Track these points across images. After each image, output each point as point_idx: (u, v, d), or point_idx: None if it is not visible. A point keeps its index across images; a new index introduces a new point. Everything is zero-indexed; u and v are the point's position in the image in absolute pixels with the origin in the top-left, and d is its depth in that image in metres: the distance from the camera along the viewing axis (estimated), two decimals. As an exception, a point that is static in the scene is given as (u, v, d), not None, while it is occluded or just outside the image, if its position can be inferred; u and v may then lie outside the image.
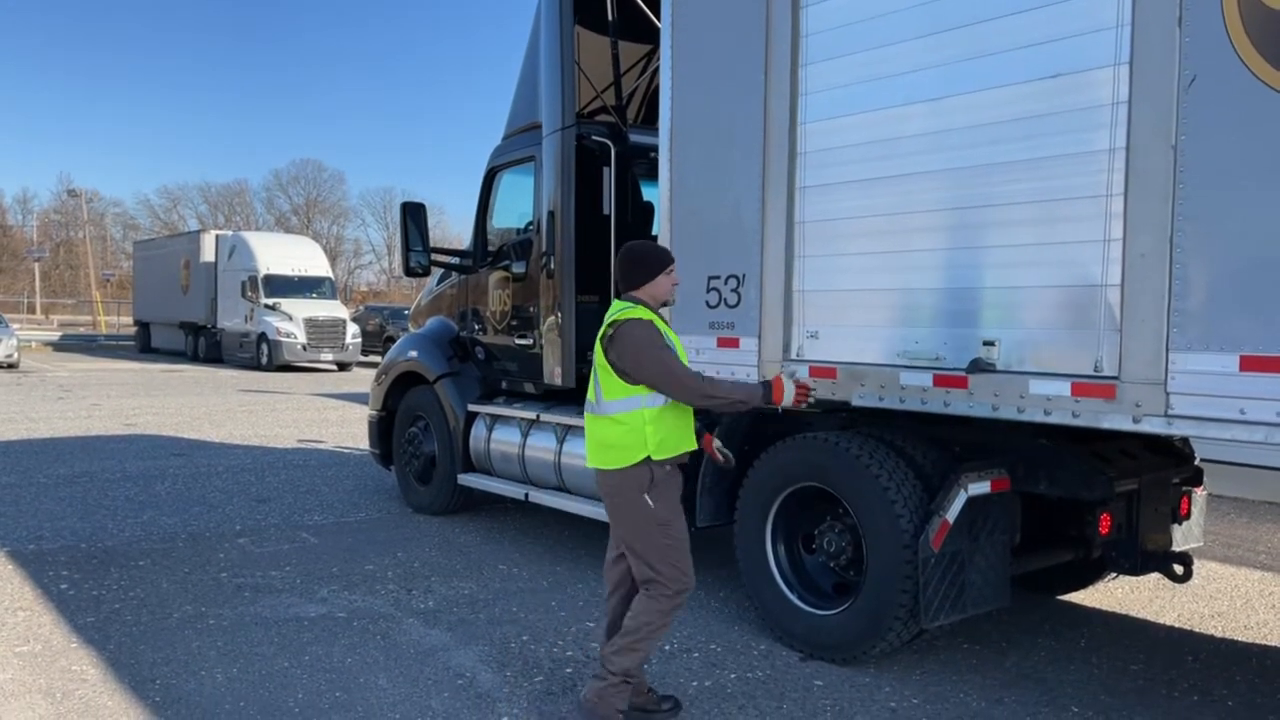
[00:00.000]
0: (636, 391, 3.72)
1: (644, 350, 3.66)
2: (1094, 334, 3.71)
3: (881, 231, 4.44)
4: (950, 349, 4.20)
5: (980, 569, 4.49)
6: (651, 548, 3.79)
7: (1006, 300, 4.02)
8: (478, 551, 6.72)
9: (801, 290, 4.78)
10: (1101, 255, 3.67)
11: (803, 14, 4.70)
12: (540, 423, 6.71)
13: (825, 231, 4.68)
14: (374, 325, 28.62)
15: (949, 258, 4.22)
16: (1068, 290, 3.82)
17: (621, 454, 3.75)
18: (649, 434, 3.72)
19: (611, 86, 6.96)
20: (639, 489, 3.76)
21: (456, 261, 7.92)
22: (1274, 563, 6.73)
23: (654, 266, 3.87)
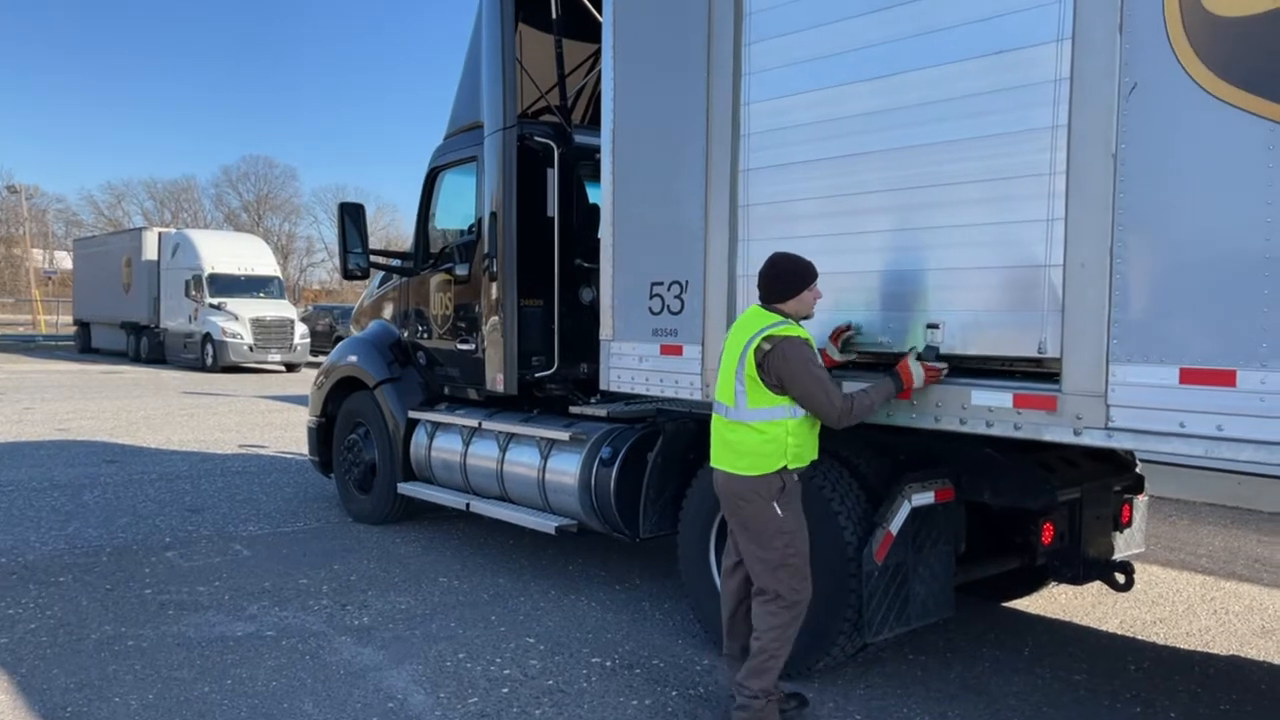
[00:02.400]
0: (781, 402, 3.79)
1: (804, 371, 3.74)
2: (1038, 315, 3.63)
3: (826, 214, 4.32)
4: (894, 333, 4.11)
5: (924, 580, 4.43)
6: (774, 558, 3.85)
7: (950, 282, 3.92)
8: (417, 563, 6.54)
9: (745, 275, 4.64)
10: (1045, 235, 3.59)
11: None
12: (482, 430, 6.56)
13: (769, 214, 4.55)
14: (324, 325, 28.14)
15: (893, 239, 4.10)
16: (1011, 271, 3.73)
17: (757, 462, 3.82)
18: (789, 444, 3.82)
19: (556, 86, 6.82)
20: (769, 496, 3.82)
21: (397, 264, 7.74)
22: (1215, 566, 6.78)
23: (801, 281, 3.91)
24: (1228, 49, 3.14)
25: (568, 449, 5.89)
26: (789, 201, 4.49)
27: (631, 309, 5.17)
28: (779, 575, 3.87)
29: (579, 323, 6.42)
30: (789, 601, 3.88)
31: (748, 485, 3.86)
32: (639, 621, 5.41)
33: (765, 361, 3.76)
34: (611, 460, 5.61)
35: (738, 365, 3.86)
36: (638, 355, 5.14)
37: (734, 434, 3.90)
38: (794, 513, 3.90)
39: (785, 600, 3.88)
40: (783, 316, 3.88)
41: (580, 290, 6.49)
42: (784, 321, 3.84)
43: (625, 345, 5.22)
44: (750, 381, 3.81)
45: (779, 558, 3.86)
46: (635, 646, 5.02)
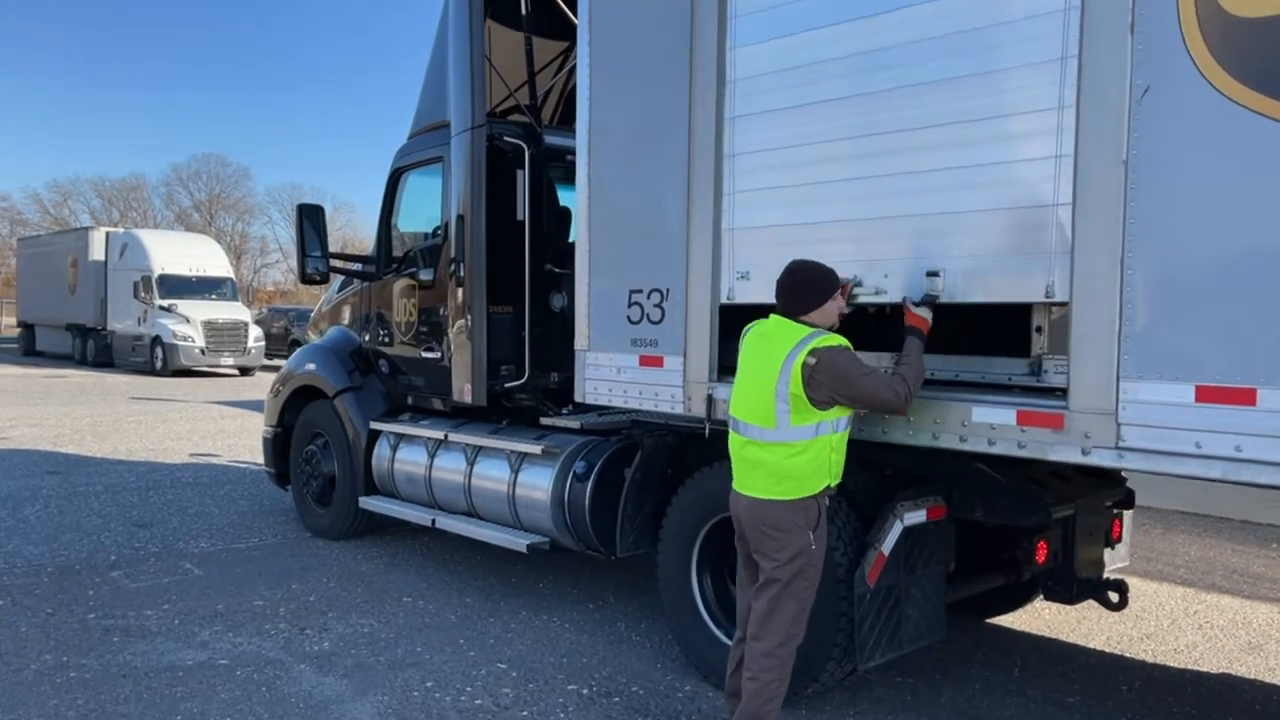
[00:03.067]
0: (826, 417, 3.61)
1: (859, 376, 3.57)
2: (1045, 257, 3.45)
3: (819, 160, 4.09)
4: (893, 282, 3.90)
5: (916, 602, 4.26)
6: (793, 593, 3.67)
7: (951, 226, 3.72)
8: (380, 581, 6.25)
9: (731, 229, 4.42)
10: (1053, 172, 3.40)
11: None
12: (449, 443, 6.28)
13: (756, 163, 4.32)
14: (279, 328, 27.50)
15: (891, 184, 3.88)
16: (1017, 212, 3.54)
17: (800, 484, 3.63)
18: (833, 461, 3.67)
19: (525, 85, 6.57)
20: (806, 524, 3.64)
21: (359, 267, 7.44)
22: (1194, 577, 6.71)
23: (826, 290, 3.70)
24: (1247, 52, 2.99)
25: (539, 463, 5.64)
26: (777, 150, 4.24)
27: (609, 318, 4.94)
28: (791, 616, 3.68)
29: (550, 330, 6.19)
30: (793, 646, 3.73)
31: (783, 513, 3.63)
32: (615, 644, 5.18)
33: (813, 377, 3.53)
34: (586, 475, 5.37)
35: (778, 383, 3.58)
36: (615, 367, 4.91)
37: (771, 455, 3.65)
38: (823, 546, 3.74)
39: (785, 645, 3.71)
40: (812, 327, 3.65)
41: (551, 296, 6.25)
42: (821, 332, 3.62)
43: (602, 356, 4.99)
44: (795, 400, 3.57)
45: (798, 598, 3.68)
46: (613, 672, 4.78)
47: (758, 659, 3.71)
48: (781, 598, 3.67)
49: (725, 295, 4.45)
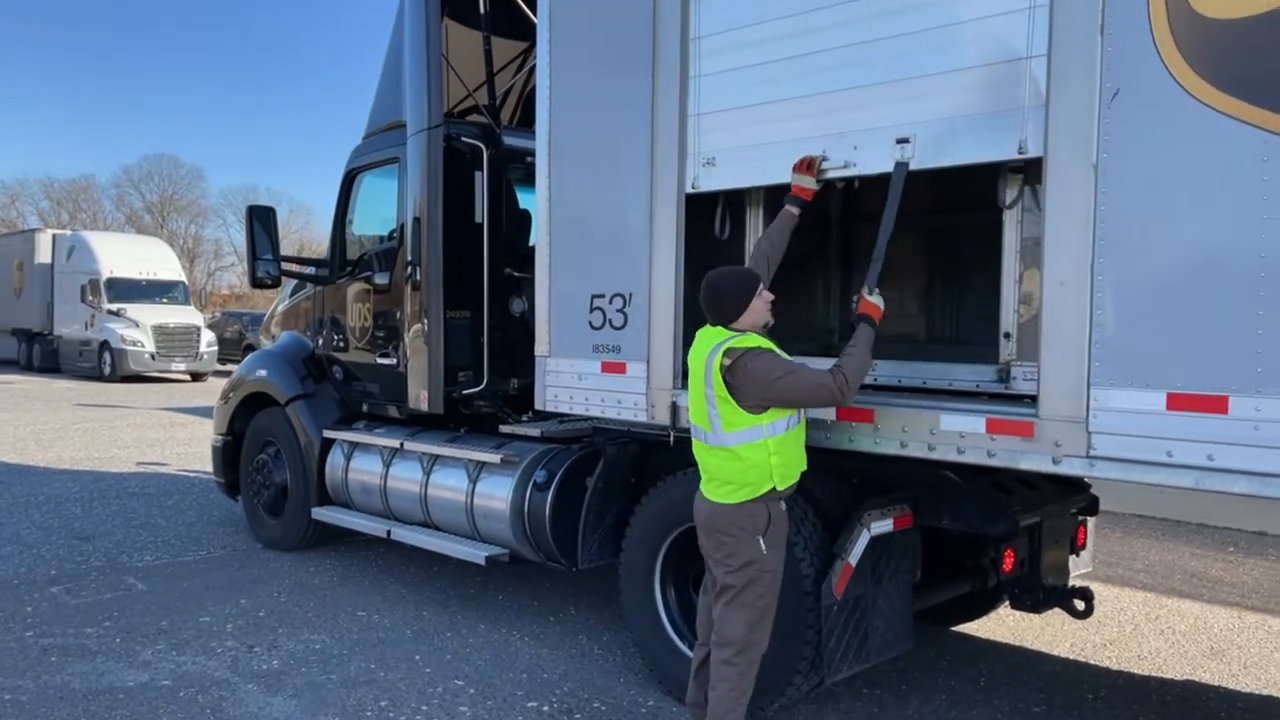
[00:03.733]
0: (759, 421, 3.52)
1: (778, 377, 3.47)
2: (1018, 113, 3.38)
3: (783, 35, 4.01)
4: (862, 153, 3.82)
5: (884, 613, 4.19)
6: (745, 601, 3.60)
7: (920, 89, 3.64)
8: (333, 595, 6.06)
9: (697, 114, 4.31)
10: (1026, 24, 3.33)
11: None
12: (405, 451, 6.11)
13: (722, 43, 4.22)
14: (232, 332, 26.96)
15: (856, 53, 3.80)
16: (988, 69, 3.47)
17: (741, 489, 3.56)
18: (774, 465, 3.55)
19: (484, 85, 6.42)
20: (755, 530, 3.56)
21: (312, 271, 7.23)
22: (1154, 582, 6.73)
23: (745, 295, 3.62)
24: (1219, 54, 2.95)
25: (498, 472, 5.50)
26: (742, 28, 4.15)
27: (570, 323, 4.82)
28: (748, 622, 3.59)
29: (509, 336, 6.06)
30: (751, 657, 3.64)
31: (729, 518, 3.59)
32: (577, 658, 5.05)
33: (733, 381, 3.48)
34: (547, 484, 5.23)
35: (705, 387, 3.58)
36: (576, 373, 4.79)
37: (713, 459, 3.64)
38: (778, 552, 3.64)
39: (746, 655, 3.62)
40: (736, 331, 3.61)
41: (511, 301, 6.12)
42: (737, 334, 3.58)
43: (563, 362, 4.86)
44: (722, 403, 3.53)
45: (753, 605, 3.59)
46: (574, 687, 4.65)
47: (717, 668, 3.65)
48: (734, 605, 3.61)
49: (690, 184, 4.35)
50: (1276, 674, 4.97)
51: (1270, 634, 5.61)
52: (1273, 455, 2.87)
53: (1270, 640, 5.50)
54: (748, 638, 3.60)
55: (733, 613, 3.61)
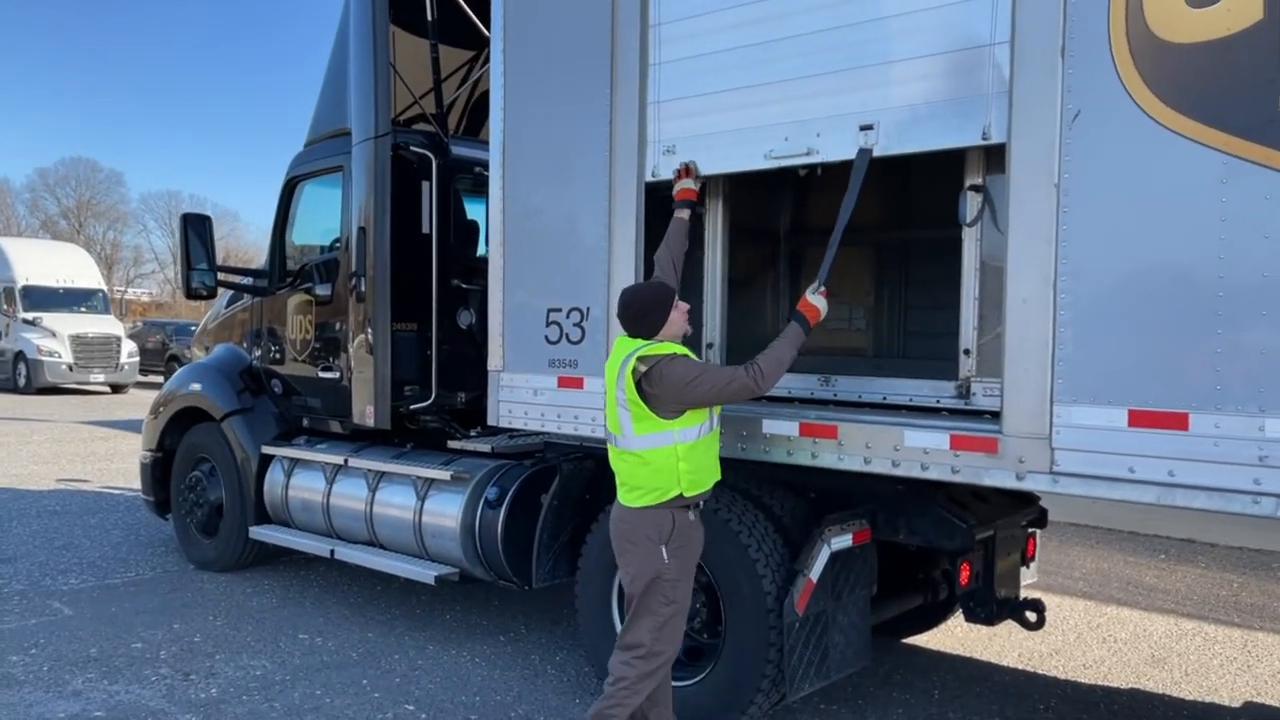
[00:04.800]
0: (669, 426, 3.53)
1: (693, 378, 3.51)
2: (982, 99, 3.41)
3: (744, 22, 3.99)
4: (825, 139, 3.82)
5: (843, 629, 4.19)
6: (648, 608, 3.59)
7: (883, 76, 3.65)
8: (273, 618, 5.84)
9: (657, 101, 4.27)
10: (989, 11, 3.37)
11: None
12: (349, 468, 5.93)
13: (682, 30, 4.19)
14: (155, 342, 26.09)
15: (818, 40, 3.80)
16: (952, 56, 3.50)
17: (646, 494, 3.56)
18: (682, 470, 3.55)
19: (431, 93, 6.30)
20: (657, 538, 3.55)
21: (250, 282, 7.01)
22: (1093, 590, 6.88)
23: (664, 309, 3.66)
24: (1178, 78, 3.01)
25: (448, 489, 5.37)
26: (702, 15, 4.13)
27: (525, 337, 4.73)
28: (649, 629, 3.59)
29: (457, 349, 5.94)
30: (654, 665, 3.61)
31: (632, 523, 3.61)
32: (530, 679, 4.94)
33: (648, 388, 3.50)
34: (499, 501, 5.12)
35: (617, 391, 3.62)
36: (532, 388, 4.70)
37: (624, 464, 3.66)
38: (681, 562, 3.62)
39: (648, 662, 3.60)
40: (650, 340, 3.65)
41: (458, 313, 6.00)
42: (656, 344, 3.61)
43: (518, 377, 4.77)
44: (634, 406, 3.55)
45: (653, 612, 3.59)
46: (529, 710, 4.55)
47: (614, 665, 3.65)
48: (639, 613, 3.61)
49: (651, 173, 4.31)
50: (1217, 681, 5.10)
51: (1207, 641, 5.77)
52: (1232, 471, 2.93)
53: (1208, 647, 5.66)
54: (652, 645, 3.59)
55: (637, 619, 3.62)
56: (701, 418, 3.60)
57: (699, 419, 3.59)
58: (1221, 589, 6.95)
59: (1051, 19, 3.22)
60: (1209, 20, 2.96)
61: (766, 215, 5.74)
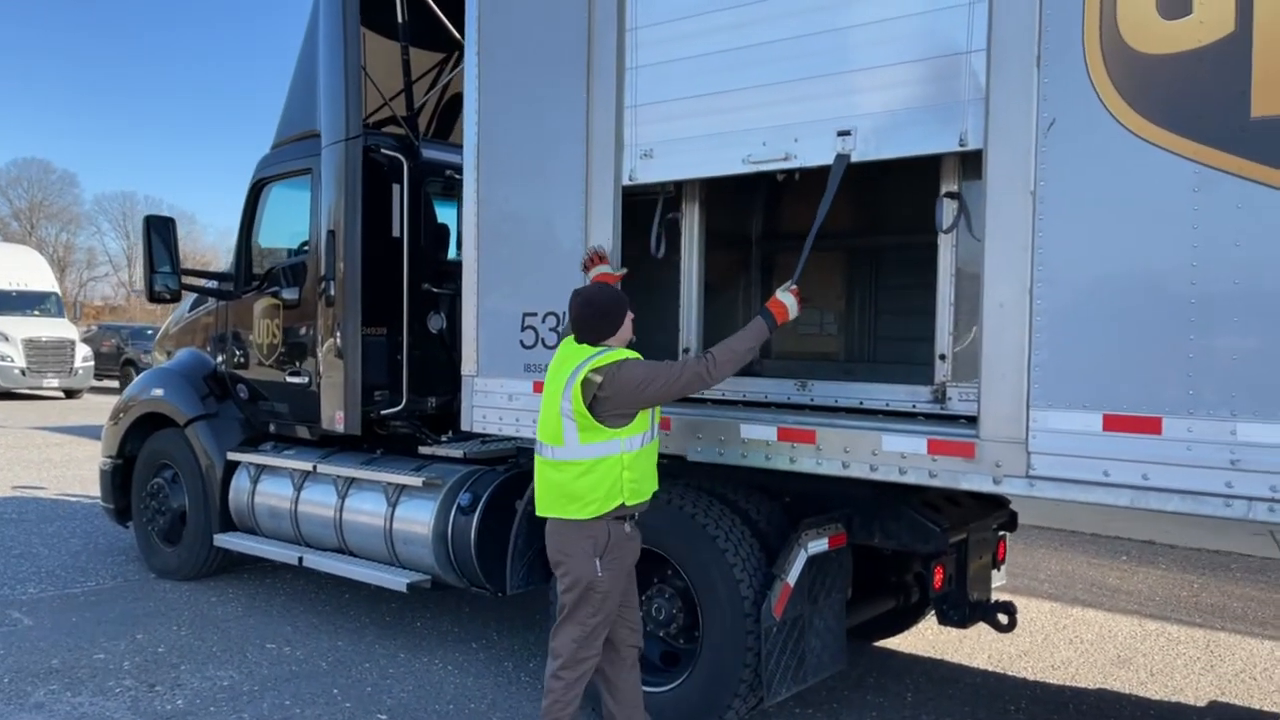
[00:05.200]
0: (616, 435, 3.52)
1: (645, 382, 3.51)
2: (959, 106, 3.46)
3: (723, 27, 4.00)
4: (802, 144, 3.84)
5: (819, 633, 4.20)
6: (576, 618, 3.58)
7: (861, 83, 3.68)
8: (239, 627, 5.74)
9: (634, 105, 4.27)
10: (966, 19, 3.41)
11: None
12: (318, 474, 5.85)
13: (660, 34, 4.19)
14: (110, 346, 25.54)
15: (797, 46, 3.82)
16: (929, 63, 3.53)
17: (587, 505, 3.53)
18: (626, 480, 3.54)
19: (401, 95, 6.25)
20: (593, 551, 3.54)
21: (215, 285, 6.89)
22: (1058, 591, 6.98)
23: (619, 316, 3.68)
24: (1152, 87, 3.07)
25: (419, 495, 5.32)
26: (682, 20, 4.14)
27: (500, 342, 4.70)
28: (575, 639, 3.59)
29: (428, 353, 5.89)
30: (579, 669, 3.62)
31: (569, 535, 3.58)
32: (504, 686, 4.90)
33: (602, 393, 3.47)
34: (471, 507, 5.09)
35: (562, 402, 3.57)
36: (507, 393, 4.67)
37: (562, 474, 3.60)
38: (614, 575, 3.60)
39: (573, 668, 3.60)
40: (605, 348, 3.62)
41: (429, 318, 5.95)
42: (605, 350, 3.59)
43: (492, 382, 4.74)
44: (581, 418, 3.52)
45: (582, 624, 3.58)
46: (504, 718, 4.51)
47: (546, 678, 3.67)
48: (566, 622, 3.61)
49: (628, 177, 4.30)
50: (1181, 681, 5.19)
51: (1170, 641, 5.87)
52: (1204, 474, 2.99)
53: (1171, 647, 5.75)
54: (575, 654, 3.59)
55: (563, 629, 3.62)
56: (644, 425, 3.60)
57: (642, 427, 3.59)
58: (1182, 590, 7.08)
59: (1027, 27, 3.27)
60: (1181, 32, 3.02)
61: (739, 220, 5.77)
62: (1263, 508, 2.91)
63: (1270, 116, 2.87)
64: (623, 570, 3.65)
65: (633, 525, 3.67)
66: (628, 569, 3.69)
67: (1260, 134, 2.89)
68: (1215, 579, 7.38)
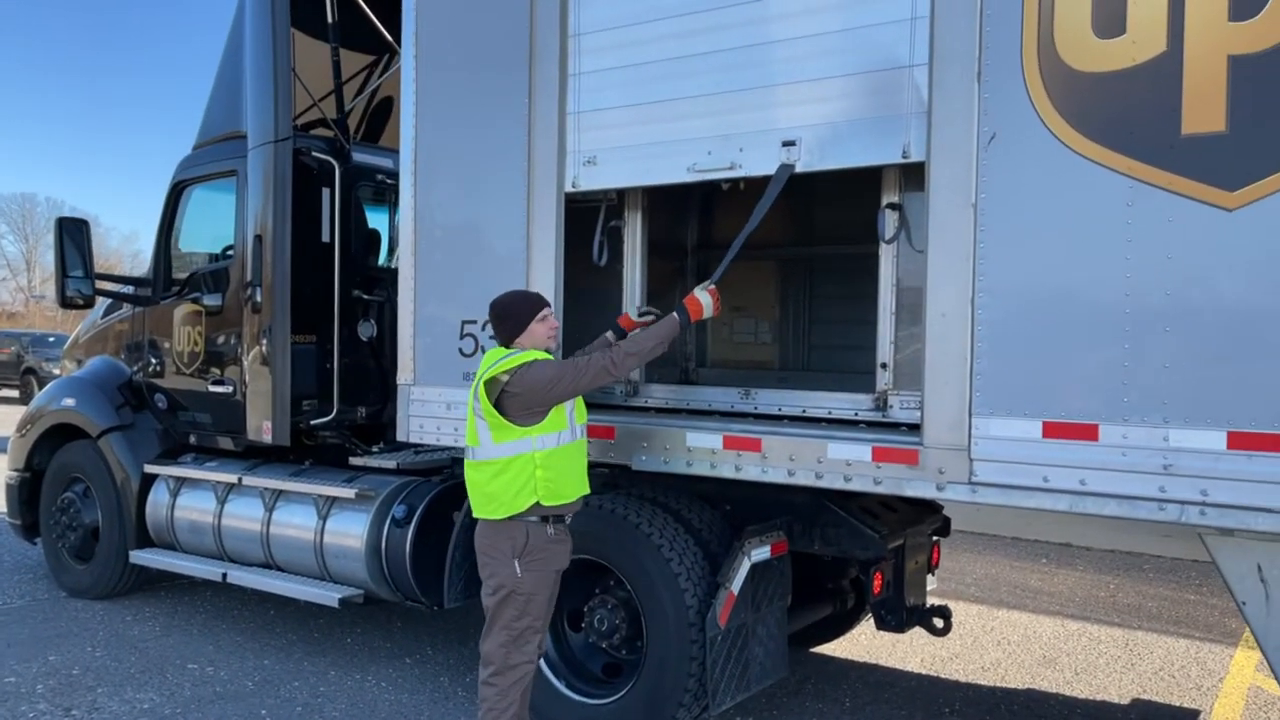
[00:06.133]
0: (527, 433, 3.51)
1: (552, 380, 3.50)
2: (901, 119, 3.52)
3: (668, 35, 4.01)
4: (747, 154, 3.86)
5: (762, 640, 4.21)
6: (501, 621, 3.55)
7: (806, 94, 3.72)
8: (158, 647, 5.50)
9: (576, 112, 4.24)
10: (908, 34, 3.47)
11: None
12: (243, 487, 5.65)
13: (603, 41, 4.16)
14: (9, 354, 24.39)
15: (741, 56, 3.84)
16: (872, 76, 3.59)
17: (502, 504, 3.52)
18: (539, 478, 3.52)
19: (332, 96, 6.09)
20: (512, 552, 3.52)
21: (131, 290, 6.61)
22: (984, 594, 7.15)
23: (523, 316, 3.66)
24: (1087, 104, 3.16)
25: (352, 507, 5.18)
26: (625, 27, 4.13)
27: (438, 350, 4.60)
28: (502, 645, 3.56)
29: (359, 361, 5.76)
30: (512, 676, 3.57)
31: (488, 535, 3.58)
32: (440, 702, 4.79)
33: (515, 390, 3.48)
34: (406, 519, 4.97)
35: (474, 402, 3.60)
36: (445, 402, 4.57)
37: (479, 474, 3.62)
38: (536, 577, 3.57)
39: (505, 674, 3.57)
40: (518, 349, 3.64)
41: (360, 325, 5.81)
42: (514, 352, 3.59)
43: (430, 391, 4.64)
44: (490, 417, 3.54)
45: (506, 628, 3.55)
46: (442, 734, 4.42)
47: (479, 686, 3.64)
48: (491, 625, 3.58)
49: (571, 184, 4.27)
50: (1104, 680, 5.36)
51: (1092, 641, 6.06)
52: (1139, 480, 3.08)
53: (1093, 647, 5.94)
54: (506, 660, 3.56)
55: (490, 634, 3.59)
56: (560, 424, 3.59)
57: (558, 425, 3.59)
58: (1100, 590, 7.32)
59: (968, 43, 3.34)
60: (1115, 51, 3.12)
61: (676, 229, 5.78)
62: (1194, 511, 3.01)
63: (1199, 134, 2.99)
64: (546, 573, 3.60)
65: (558, 528, 3.62)
66: (553, 573, 3.64)
67: (1189, 150, 3.01)
68: (1130, 579, 7.66)
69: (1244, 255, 2.95)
